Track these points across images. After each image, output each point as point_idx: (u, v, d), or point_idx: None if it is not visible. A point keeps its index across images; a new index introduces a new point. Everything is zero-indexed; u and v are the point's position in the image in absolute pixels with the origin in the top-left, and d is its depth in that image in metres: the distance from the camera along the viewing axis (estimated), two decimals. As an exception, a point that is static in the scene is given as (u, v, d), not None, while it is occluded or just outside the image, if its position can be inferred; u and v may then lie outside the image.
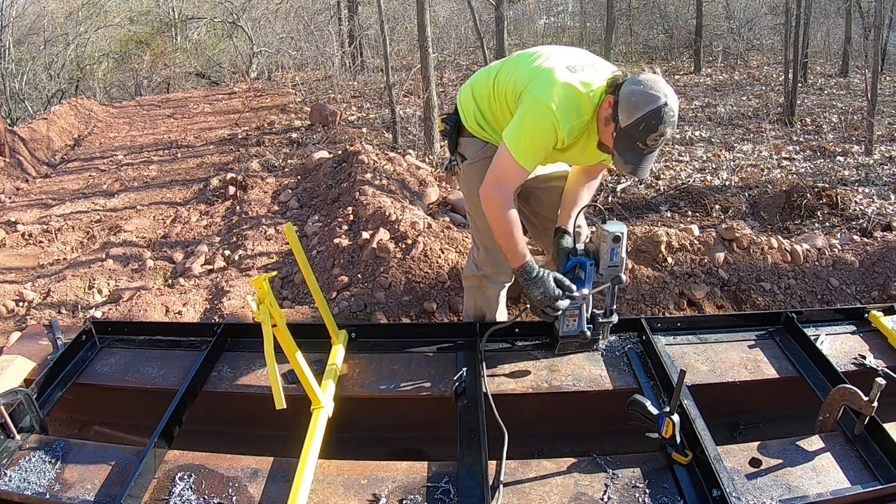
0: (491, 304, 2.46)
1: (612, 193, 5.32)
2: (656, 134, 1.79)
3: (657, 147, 1.85)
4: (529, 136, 1.96)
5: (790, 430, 2.04)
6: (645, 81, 1.81)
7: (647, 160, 1.87)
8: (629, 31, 13.55)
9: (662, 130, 1.79)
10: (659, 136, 1.80)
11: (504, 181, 2.02)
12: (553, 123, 1.91)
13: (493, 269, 2.38)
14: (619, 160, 1.88)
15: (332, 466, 1.74)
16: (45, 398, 2.03)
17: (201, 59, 14.52)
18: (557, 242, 2.14)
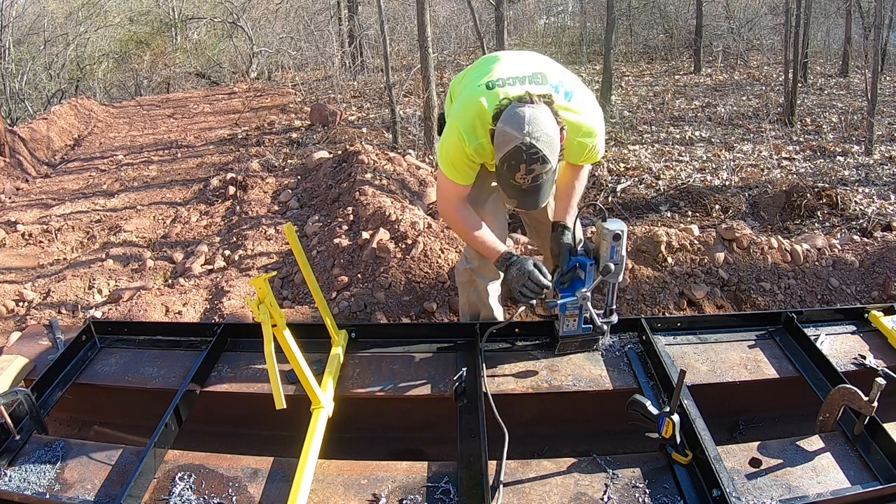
0: (483, 299, 2.47)
1: (612, 193, 5.32)
2: (521, 173, 1.75)
3: (534, 182, 1.77)
4: (446, 151, 2.02)
5: (790, 430, 2.04)
6: (510, 118, 1.76)
7: (529, 194, 1.82)
8: (629, 31, 13.54)
9: (530, 168, 1.73)
10: (527, 174, 1.74)
11: (443, 195, 2.15)
12: (460, 140, 1.94)
13: (479, 262, 2.41)
14: (504, 196, 1.89)
15: (332, 466, 1.74)
16: (45, 398, 2.03)
17: (201, 59, 14.51)
18: (557, 238, 2.12)
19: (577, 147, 2.01)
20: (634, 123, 7.42)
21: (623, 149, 6.46)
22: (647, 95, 9.10)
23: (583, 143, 2.00)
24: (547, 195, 1.87)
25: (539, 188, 1.80)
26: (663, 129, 7.22)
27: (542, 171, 1.75)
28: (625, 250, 1.96)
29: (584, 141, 2.00)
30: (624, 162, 6.04)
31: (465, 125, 1.94)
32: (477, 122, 1.92)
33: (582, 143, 2.00)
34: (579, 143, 1.99)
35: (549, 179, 1.81)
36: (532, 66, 2.02)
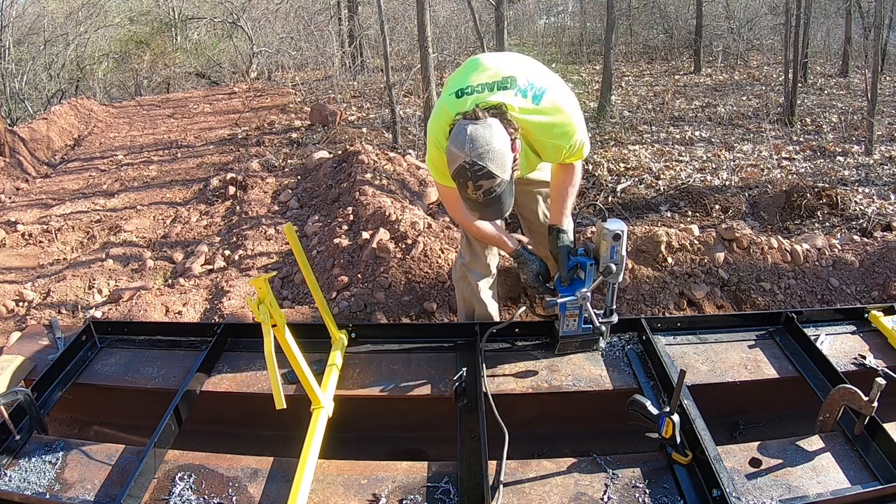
0: (476, 295, 2.48)
1: (612, 193, 5.32)
2: (471, 189, 1.74)
3: (487, 196, 1.76)
4: (430, 158, 2.08)
5: (790, 430, 2.04)
6: (455, 136, 1.76)
7: (487, 207, 1.81)
8: (629, 31, 13.54)
9: (478, 185, 1.72)
10: (476, 190, 1.74)
11: (445, 201, 2.24)
12: (436, 147, 1.97)
13: (470, 257, 2.45)
14: (467, 209, 1.90)
15: (332, 466, 1.74)
16: (45, 398, 2.03)
17: (201, 59, 14.51)
18: (554, 242, 2.13)
19: (552, 149, 2.00)
20: (634, 123, 7.42)
21: (623, 149, 6.46)
22: (647, 95, 9.10)
23: (557, 144, 1.97)
24: (508, 206, 1.84)
25: (495, 200, 1.78)
26: (663, 129, 7.22)
27: (491, 185, 1.73)
28: (625, 250, 1.96)
29: (559, 142, 1.97)
30: (624, 162, 6.04)
31: (436, 133, 1.98)
32: (446, 127, 1.92)
33: (556, 145, 1.98)
34: (553, 145, 1.98)
35: (505, 191, 1.78)
36: (506, 69, 1.97)
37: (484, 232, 2.22)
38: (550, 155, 2.04)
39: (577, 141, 2.00)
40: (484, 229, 2.21)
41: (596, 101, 8.19)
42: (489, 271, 2.49)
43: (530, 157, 2.10)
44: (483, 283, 2.49)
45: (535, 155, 2.10)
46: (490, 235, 2.23)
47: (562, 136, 1.97)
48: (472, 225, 2.20)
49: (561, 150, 2.00)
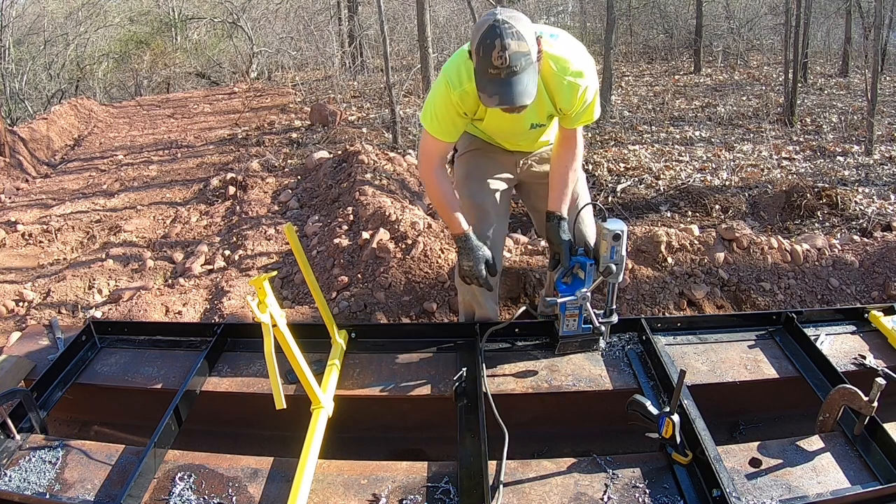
0: (477, 299, 2.44)
1: (612, 193, 5.32)
2: (497, 51, 1.69)
3: (511, 65, 1.71)
4: (430, 104, 2.04)
5: (790, 430, 2.04)
6: (484, 16, 1.80)
7: (508, 85, 1.74)
8: (629, 31, 13.54)
9: (504, 44, 1.68)
10: (502, 51, 1.69)
11: (424, 155, 2.13)
12: (446, 87, 1.96)
13: None
14: (485, 99, 1.81)
15: (332, 466, 1.74)
16: (45, 398, 2.03)
17: (201, 59, 14.51)
18: (554, 230, 2.08)
19: (568, 89, 1.95)
20: (634, 123, 7.42)
21: (623, 149, 6.46)
22: (647, 95, 9.10)
23: (573, 83, 1.94)
24: (529, 92, 1.77)
25: (517, 75, 1.73)
26: (663, 129, 7.22)
27: (518, 49, 1.70)
28: (625, 250, 1.96)
29: (575, 81, 1.94)
30: (624, 162, 6.04)
31: (450, 72, 1.96)
32: (462, 66, 1.92)
33: (572, 84, 1.94)
34: (570, 84, 1.94)
35: (528, 69, 1.74)
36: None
37: (441, 200, 2.12)
38: (565, 97, 1.98)
39: (590, 89, 1.97)
40: (441, 198, 2.12)
41: (596, 101, 8.18)
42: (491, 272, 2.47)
43: (544, 102, 2.04)
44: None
45: (549, 103, 2.04)
46: (445, 206, 2.13)
47: (576, 75, 1.95)
48: (437, 189, 2.12)
49: (576, 91, 1.95)
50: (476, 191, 2.28)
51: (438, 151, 2.11)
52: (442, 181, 2.13)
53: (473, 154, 2.34)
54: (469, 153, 2.35)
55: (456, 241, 2.15)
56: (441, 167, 2.14)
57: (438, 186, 2.12)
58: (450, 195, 2.15)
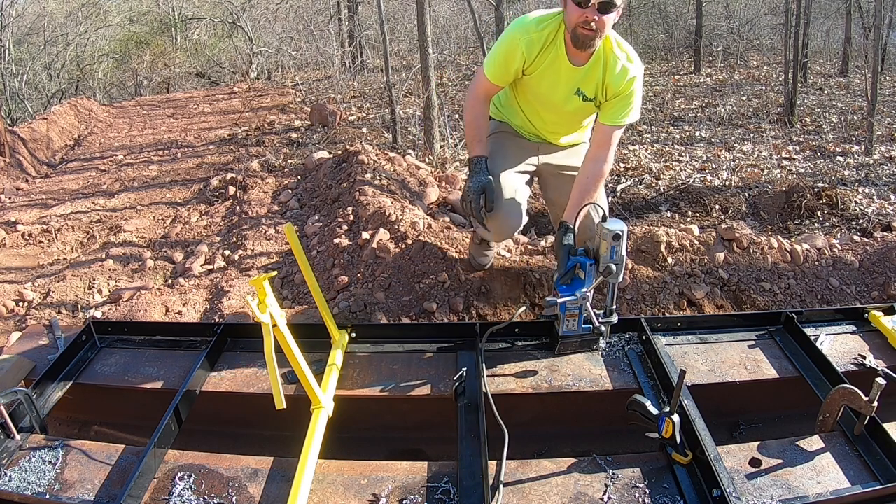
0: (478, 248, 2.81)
1: (612, 193, 5.32)
2: None
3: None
4: (496, 49, 2.30)
5: (790, 430, 2.04)
6: None
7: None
8: (629, 31, 13.53)
9: None
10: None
11: (473, 90, 2.41)
12: (515, 35, 2.21)
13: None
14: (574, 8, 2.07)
15: (332, 466, 1.74)
16: (45, 398, 2.03)
17: (201, 59, 14.51)
18: (559, 238, 2.16)
19: (621, 71, 2.20)
20: (634, 123, 7.42)
21: (623, 149, 6.46)
22: (647, 95, 9.10)
23: (626, 67, 2.20)
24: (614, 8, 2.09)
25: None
26: (663, 129, 7.22)
27: None
28: (625, 250, 1.96)
29: (629, 65, 2.20)
30: (624, 162, 6.04)
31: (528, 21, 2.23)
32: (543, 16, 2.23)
33: (625, 67, 2.20)
34: (623, 67, 2.20)
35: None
36: None
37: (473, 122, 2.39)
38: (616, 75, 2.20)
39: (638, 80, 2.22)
40: (473, 121, 2.39)
41: (596, 101, 8.18)
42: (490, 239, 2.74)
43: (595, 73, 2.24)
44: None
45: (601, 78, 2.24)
46: (474, 129, 2.39)
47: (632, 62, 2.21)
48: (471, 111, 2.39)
49: (626, 73, 2.19)
50: (497, 164, 2.47)
51: (486, 89, 2.38)
52: (480, 108, 2.40)
53: (498, 136, 2.58)
54: (494, 135, 2.57)
55: (469, 161, 2.40)
56: (485, 101, 2.41)
57: (474, 111, 2.39)
58: (481, 120, 2.41)
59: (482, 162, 2.36)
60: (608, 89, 2.23)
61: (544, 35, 2.20)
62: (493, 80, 2.33)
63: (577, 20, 2.08)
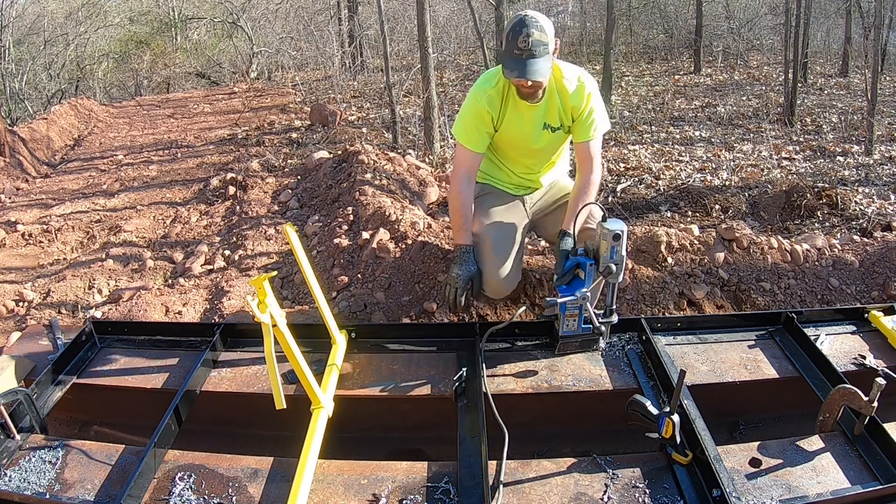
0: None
1: (612, 193, 5.32)
2: (522, 36, 2.09)
3: (531, 49, 2.10)
4: (461, 115, 2.41)
5: (790, 430, 2.04)
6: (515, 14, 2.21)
7: (527, 64, 2.11)
8: (629, 31, 13.54)
9: (527, 32, 2.09)
10: (526, 38, 2.09)
11: (454, 163, 2.49)
12: (476, 97, 2.34)
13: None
14: (507, 72, 2.17)
15: (332, 466, 1.74)
16: (45, 398, 2.03)
17: (201, 59, 14.51)
18: (558, 244, 2.21)
19: (576, 90, 2.30)
20: (634, 123, 7.42)
21: (623, 149, 6.46)
22: (647, 95, 9.10)
23: (580, 84, 2.30)
24: (543, 73, 2.13)
25: (535, 58, 2.10)
26: (663, 129, 7.22)
27: (539, 38, 2.10)
28: (625, 250, 1.96)
29: (581, 82, 2.31)
30: (624, 162, 6.04)
31: (480, 81, 2.37)
32: (491, 73, 2.36)
33: (580, 84, 2.30)
34: (578, 85, 2.30)
35: (544, 56, 2.11)
36: None
37: (458, 207, 2.42)
38: (574, 95, 2.30)
39: (595, 95, 2.32)
40: (459, 206, 2.41)
41: (596, 101, 8.17)
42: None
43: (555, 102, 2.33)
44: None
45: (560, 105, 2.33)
46: (459, 215, 2.43)
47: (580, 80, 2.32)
48: (455, 195, 2.43)
49: (582, 90, 2.29)
50: (488, 227, 2.50)
51: (466, 160, 2.42)
52: (466, 193, 2.42)
53: (487, 198, 2.62)
54: (482, 196, 2.61)
55: (456, 249, 2.42)
56: (468, 178, 2.43)
57: (461, 197, 2.41)
58: (467, 207, 2.42)
59: (470, 251, 2.41)
60: (571, 111, 2.34)
61: (499, 88, 2.32)
62: (472, 148, 2.39)
63: (514, 83, 2.23)
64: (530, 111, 2.35)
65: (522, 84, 2.18)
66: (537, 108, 2.34)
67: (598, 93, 2.35)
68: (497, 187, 2.66)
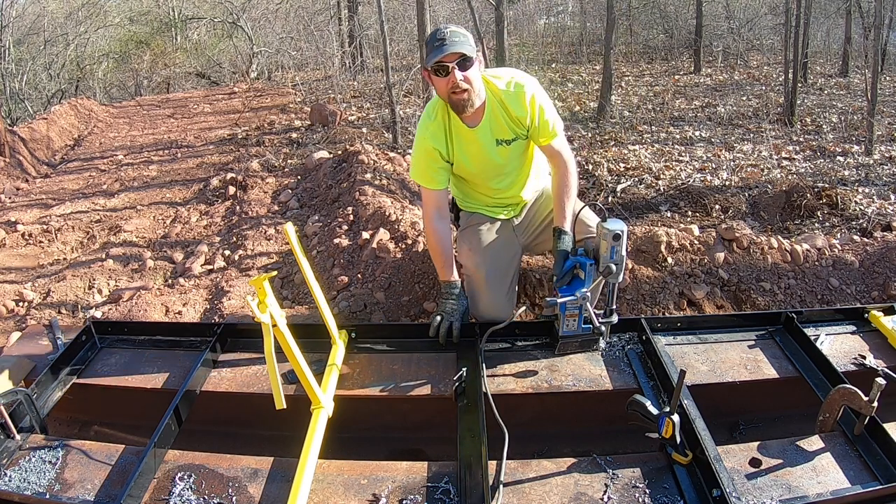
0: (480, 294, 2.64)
1: (612, 193, 5.32)
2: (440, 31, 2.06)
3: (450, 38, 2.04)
4: (414, 158, 2.34)
5: (790, 430, 2.04)
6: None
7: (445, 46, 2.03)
8: (629, 31, 13.54)
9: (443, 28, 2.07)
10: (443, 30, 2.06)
11: (423, 210, 2.39)
12: (421, 136, 2.27)
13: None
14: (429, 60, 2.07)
15: (332, 466, 1.74)
16: (45, 398, 2.03)
17: (201, 59, 14.51)
18: (555, 243, 2.18)
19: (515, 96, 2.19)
20: (634, 123, 7.42)
21: (623, 149, 6.46)
22: (647, 95, 9.10)
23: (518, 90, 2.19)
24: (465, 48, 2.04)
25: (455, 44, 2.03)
26: (663, 129, 7.22)
27: (456, 30, 2.06)
28: (625, 250, 1.96)
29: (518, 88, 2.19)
30: (624, 162, 6.04)
31: (421, 124, 2.29)
32: (430, 107, 2.28)
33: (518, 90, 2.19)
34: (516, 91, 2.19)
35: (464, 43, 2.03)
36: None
37: (436, 246, 2.35)
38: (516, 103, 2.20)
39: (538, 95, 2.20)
40: (437, 245, 2.34)
41: (596, 101, 8.19)
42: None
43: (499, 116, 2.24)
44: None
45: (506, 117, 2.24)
46: (440, 253, 2.35)
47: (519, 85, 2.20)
48: (431, 235, 2.36)
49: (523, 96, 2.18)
50: (480, 262, 2.43)
51: (432, 199, 2.34)
52: (439, 228, 2.34)
53: (475, 228, 2.53)
54: (471, 227, 2.54)
55: (442, 284, 2.36)
56: (439, 215, 2.35)
57: (437, 235, 2.34)
58: (445, 243, 2.35)
59: (458, 286, 2.34)
60: (519, 119, 2.23)
61: (439, 119, 2.25)
62: (432, 187, 2.32)
63: (446, 89, 2.10)
64: (476, 134, 2.24)
65: (453, 81, 2.06)
66: (482, 129, 2.23)
67: (540, 90, 2.24)
68: (483, 213, 2.56)
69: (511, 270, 2.51)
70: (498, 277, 2.43)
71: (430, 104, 2.30)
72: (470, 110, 2.15)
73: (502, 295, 2.45)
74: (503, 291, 2.45)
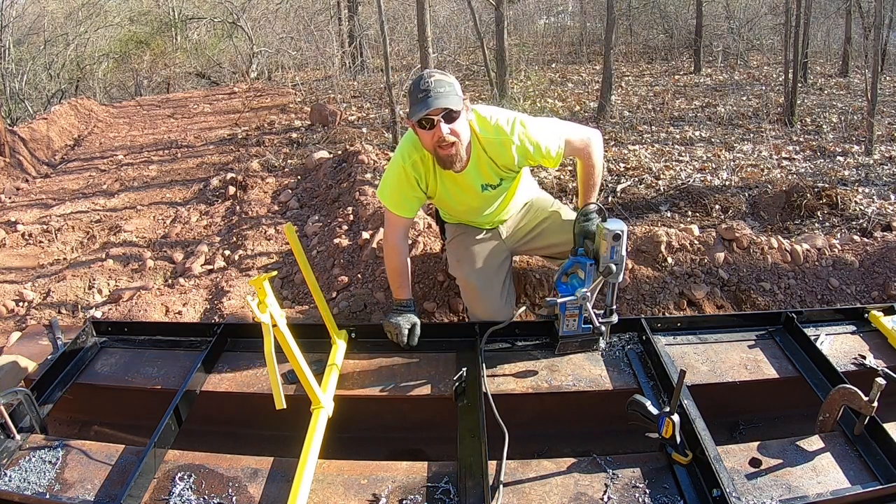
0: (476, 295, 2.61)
1: (612, 193, 5.32)
2: (423, 81, 1.99)
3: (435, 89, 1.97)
4: (387, 183, 2.26)
5: (790, 430, 2.04)
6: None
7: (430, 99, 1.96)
8: (629, 31, 13.53)
9: (428, 76, 2.00)
10: (427, 79, 1.99)
11: (386, 228, 2.35)
12: (401, 161, 2.19)
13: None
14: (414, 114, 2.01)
15: (332, 466, 1.74)
16: (45, 398, 2.03)
17: (201, 59, 14.51)
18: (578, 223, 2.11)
19: (499, 146, 2.15)
20: (634, 123, 7.42)
21: (623, 149, 6.45)
22: (647, 95, 9.10)
23: (503, 140, 2.14)
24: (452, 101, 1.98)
25: (441, 96, 1.96)
26: (663, 129, 7.22)
27: (441, 79, 1.99)
28: (625, 250, 1.95)
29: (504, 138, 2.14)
30: (624, 162, 6.04)
31: (401, 149, 2.22)
32: (411, 140, 2.19)
33: (502, 141, 2.14)
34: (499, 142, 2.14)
35: (450, 94, 1.97)
36: None
37: (395, 266, 2.32)
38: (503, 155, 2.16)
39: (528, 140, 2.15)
40: (395, 264, 2.31)
41: (596, 101, 8.19)
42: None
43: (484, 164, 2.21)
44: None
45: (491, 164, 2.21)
46: (397, 274, 2.32)
47: (501, 132, 2.14)
48: (391, 255, 2.32)
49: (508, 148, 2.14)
50: (469, 272, 2.44)
51: (398, 226, 2.30)
52: (401, 253, 2.31)
53: (461, 238, 2.52)
54: (456, 238, 2.53)
55: (395, 301, 2.34)
56: (402, 238, 2.32)
57: (397, 258, 2.30)
58: (405, 266, 2.32)
59: (410, 304, 2.29)
60: (507, 167, 2.21)
61: (425, 154, 2.18)
62: (400, 213, 2.25)
63: (432, 142, 2.05)
64: (462, 178, 2.21)
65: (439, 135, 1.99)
66: (468, 174, 2.20)
67: (525, 128, 2.15)
68: (469, 226, 2.55)
69: (502, 275, 2.51)
70: (489, 286, 2.45)
71: (408, 140, 2.21)
72: (458, 166, 2.12)
73: (496, 300, 2.46)
74: (496, 297, 2.46)
